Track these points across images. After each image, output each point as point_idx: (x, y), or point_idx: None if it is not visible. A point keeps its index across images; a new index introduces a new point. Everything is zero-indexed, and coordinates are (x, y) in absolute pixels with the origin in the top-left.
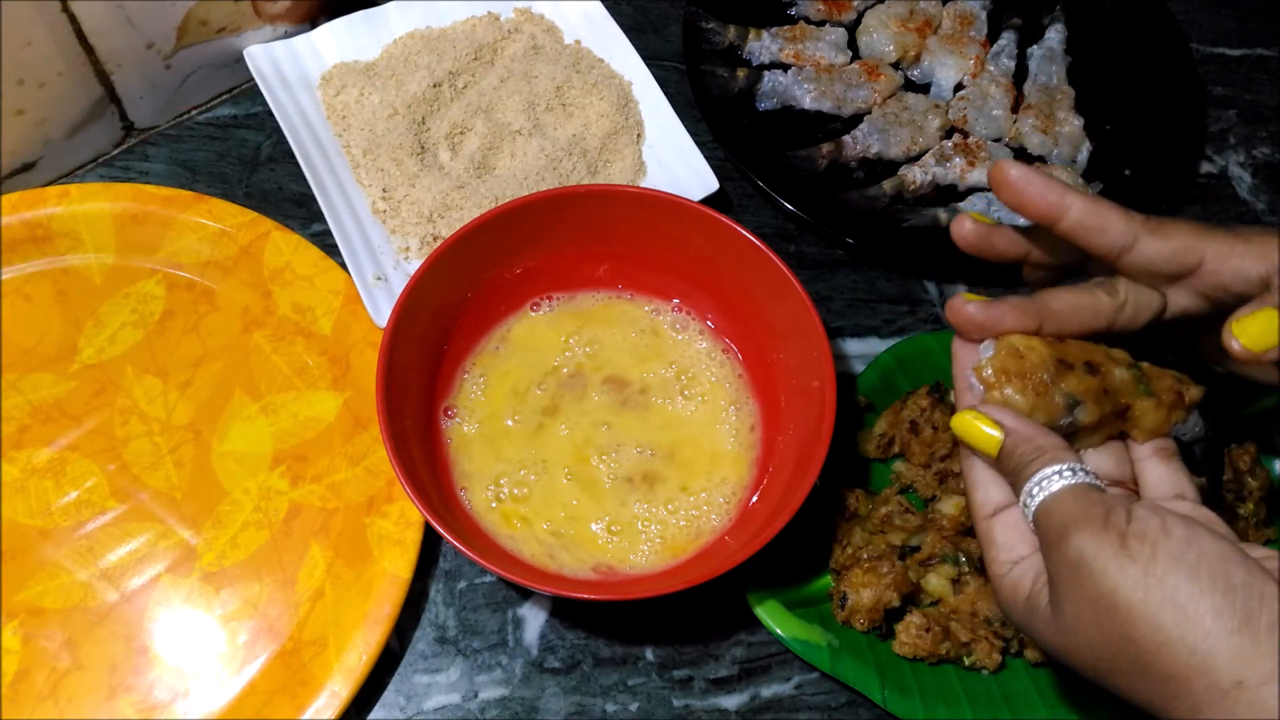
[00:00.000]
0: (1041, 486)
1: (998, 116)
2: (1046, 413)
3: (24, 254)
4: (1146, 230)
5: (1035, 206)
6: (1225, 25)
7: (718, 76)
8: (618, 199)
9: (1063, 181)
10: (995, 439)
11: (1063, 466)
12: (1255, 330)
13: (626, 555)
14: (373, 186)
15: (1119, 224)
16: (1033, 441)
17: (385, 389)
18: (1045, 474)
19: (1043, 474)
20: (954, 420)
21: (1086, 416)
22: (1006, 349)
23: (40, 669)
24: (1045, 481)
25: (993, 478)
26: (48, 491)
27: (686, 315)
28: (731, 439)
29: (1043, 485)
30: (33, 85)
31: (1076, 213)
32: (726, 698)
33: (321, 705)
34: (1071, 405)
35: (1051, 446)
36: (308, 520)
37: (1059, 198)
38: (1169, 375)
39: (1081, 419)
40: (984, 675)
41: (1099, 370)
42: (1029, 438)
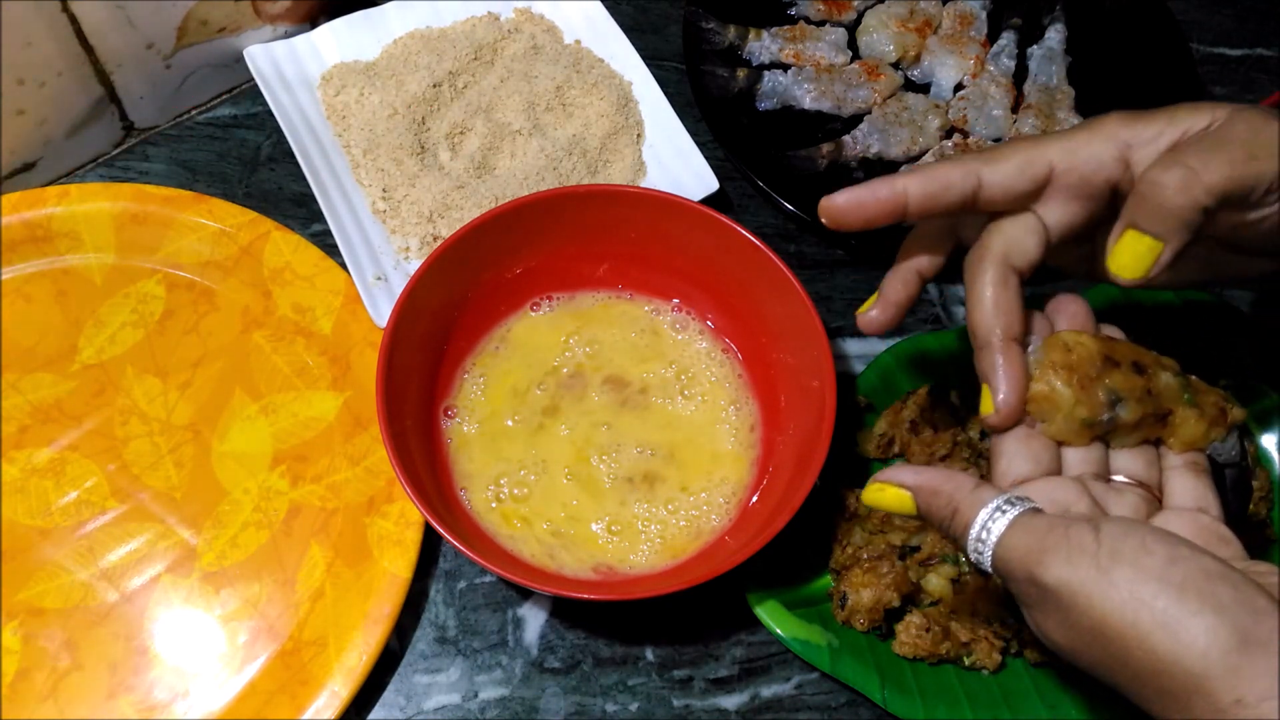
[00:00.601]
0: (983, 538)
1: (998, 116)
2: (1089, 406)
3: (24, 254)
4: (981, 162)
5: (879, 211)
6: (1225, 25)
7: (718, 76)
8: (618, 199)
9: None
10: (907, 498)
11: (992, 506)
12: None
13: (626, 555)
14: (373, 186)
15: (955, 173)
16: (941, 493)
17: (385, 389)
18: (981, 521)
19: (979, 524)
20: (864, 494)
21: (1128, 414)
22: (1055, 344)
23: (40, 669)
24: (984, 530)
25: (1018, 448)
26: (48, 491)
27: (686, 315)
28: (731, 439)
29: (984, 535)
30: (33, 85)
31: (915, 189)
32: (726, 698)
33: (321, 705)
34: (1114, 401)
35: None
36: (308, 520)
37: (890, 190)
38: (1215, 392)
39: (1123, 416)
40: (984, 675)
41: (1146, 371)
42: (935, 490)
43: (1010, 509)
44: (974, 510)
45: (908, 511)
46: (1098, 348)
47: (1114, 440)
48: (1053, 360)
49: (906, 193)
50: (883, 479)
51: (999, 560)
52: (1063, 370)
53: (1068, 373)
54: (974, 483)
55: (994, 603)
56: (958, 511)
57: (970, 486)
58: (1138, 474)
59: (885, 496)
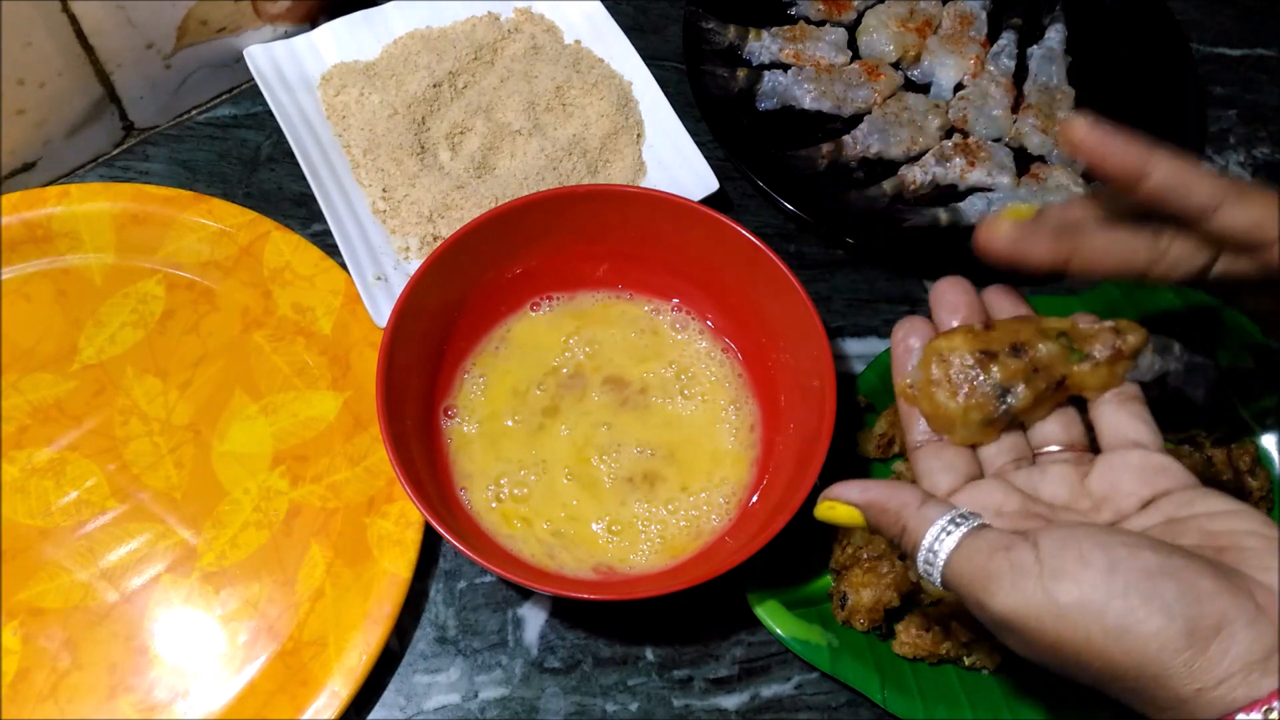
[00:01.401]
0: (930, 560)
1: (998, 116)
2: (981, 408)
3: (24, 254)
4: (1233, 194)
5: (1116, 167)
6: (1225, 25)
7: (718, 76)
8: (618, 199)
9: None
10: (857, 513)
11: (938, 527)
12: None
13: (626, 555)
14: (373, 186)
15: (1206, 186)
16: (887, 511)
17: (385, 389)
18: (927, 544)
19: (925, 544)
20: (815, 510)
21: (1020, 402)
22: (928, 358)
23: (40, 669)
24: (931, 553)
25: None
26: (48, 491)
27: (686, 315)
28: (731, 438)
29: (931, 557)
30: (33, 85)
31: (1161, 173)
32: (726, 698)
33: (321, 705)
34: (1002, 393)
35: (911, 509)
36: (308, 520)
37: (1142, 157)
38: (1102, 330)
39: (1015, 404)
40: (984, 675)
41: (1024, 350)
42: (882, 507)
43: (955, 529)
44: (921, 529)
45: (858, 526)
46: (971, 345)
47: (1026, 420)
48: (931, 377)
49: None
50: (831, 496)
51: (948, 583)
52: (944, 383)
53: (949, 385)
54: (920, 498)
55: None
56: (905, 530)
57: (916, 503)
58: (1059, 438)
59: (836, 514)
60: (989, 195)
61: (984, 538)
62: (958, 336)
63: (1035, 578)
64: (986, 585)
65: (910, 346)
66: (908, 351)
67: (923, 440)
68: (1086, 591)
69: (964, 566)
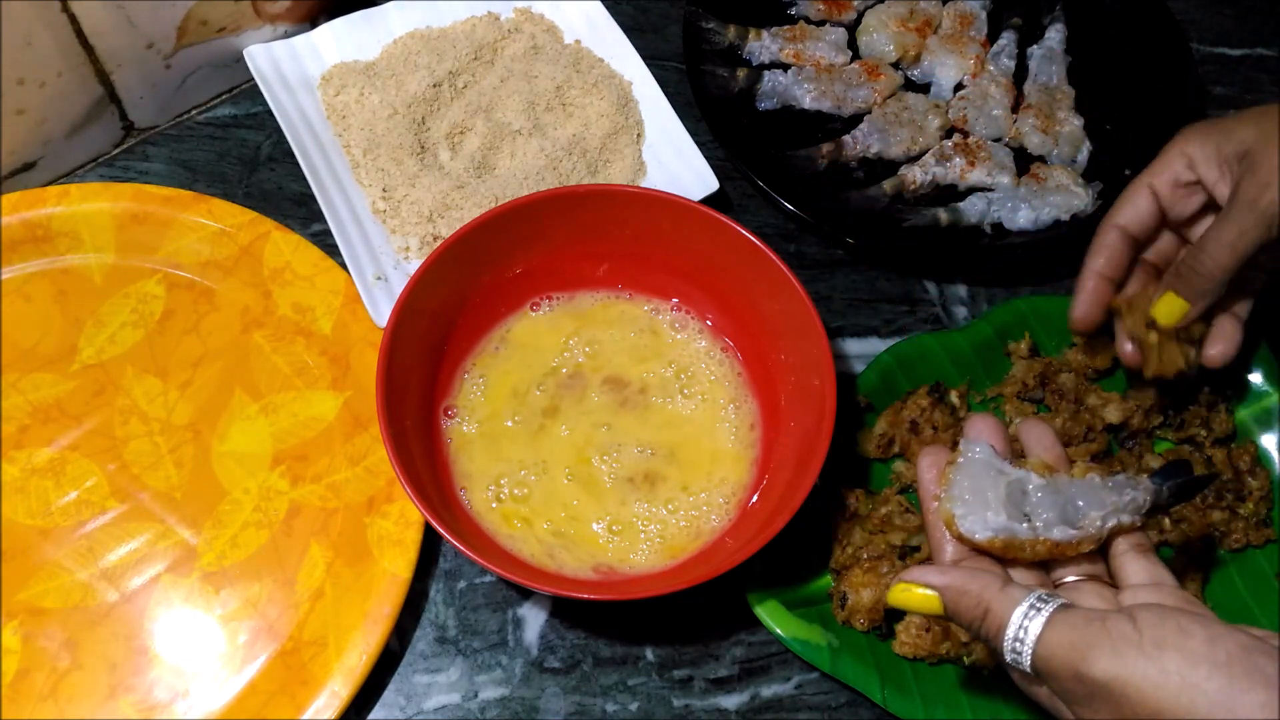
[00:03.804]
0: (1020, 637)
1: (998, 116)
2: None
3: (24, 254)
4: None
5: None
6: (1225, 25)
7: (718, 76)
8: (618, 199)
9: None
10: (934, 599)
11: (1026, 605)
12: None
13: (627, 555)
14: (373, 186)
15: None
16: (969, 592)
17: (385, 389)
18: (1016, 624)
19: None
20: (890, 595)
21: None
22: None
23: (40, 669)
24: (1022, 631)
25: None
26: (48, 491)
27: (686, 314)
28: (731, 437)
29: (1022, 634)
30: (33, 85)
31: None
32: (726, 698)
33: (321, 705)
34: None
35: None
36: (308, 520)
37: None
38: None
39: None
40: (984, 675)
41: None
42: (963, 590)
43: (1044, 606)
44: (1007, 610)
45: (935, 612)
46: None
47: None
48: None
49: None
50: (909, 578)
51: (1040, 660)
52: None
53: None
54: (1001, 580)
55: None
56: (989, 612)
57: (999, 585)
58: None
59: (911, 597)
60: (989, 195)
61: (1076, 612)
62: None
63: (1136, 646)
64: (1086, 654)
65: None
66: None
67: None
68: (1191, 660)
69: (1059, 639)
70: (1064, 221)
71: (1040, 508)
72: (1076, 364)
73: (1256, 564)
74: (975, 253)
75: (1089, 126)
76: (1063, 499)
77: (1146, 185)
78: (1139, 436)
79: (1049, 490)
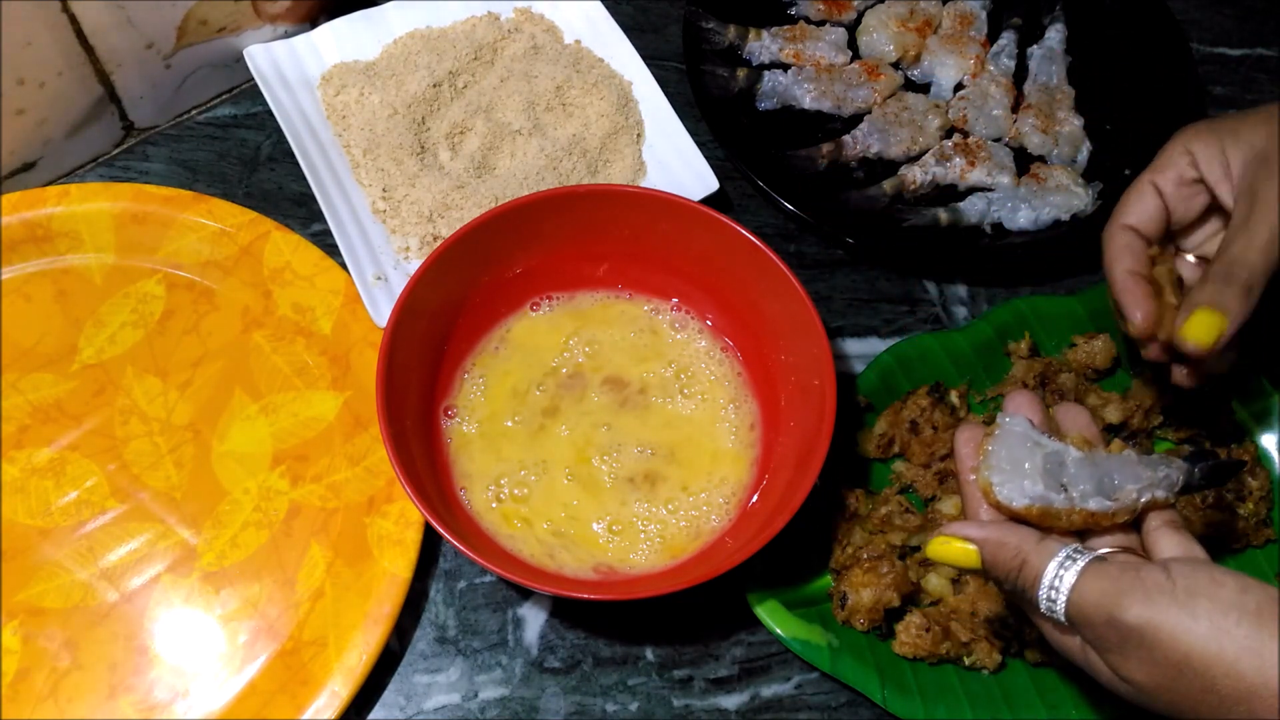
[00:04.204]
0: (1057, 587)
1: (998, 116)
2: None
3: (24, 254)
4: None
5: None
6: (1225, 25)
7: (718, 76)
8: (618, 199)
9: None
10: (973, 552)
11: (1062, 556)
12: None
13: (627, 555)
14: (373, 186)
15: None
16: (1006, 545)
17: (385, 389)
18: (1052, 572)
19: (1050, 573)
20: (928, 548)
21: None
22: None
23: (40, 669)
24: (1058, 580)
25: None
26: (48, 491)
27: (686, 314)
28: (731, 437)
29: (1058, 585)
30: (33, 85)
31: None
32: (726, 698)
33: (321, 705)
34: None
35: (1030, 545)
36: (308, 520)
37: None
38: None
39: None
40: (984, 675)
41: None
42: (1001, 543)
43: (1080, 557)
44: (1044, 561)
45: (972, 565)
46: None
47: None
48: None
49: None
50: (948, 532)
51: (1074, 607)
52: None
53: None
54: (1038, 535)
55: (994, 603)
56: (1026, 563)
57: (1036, 538)
58: (1115, 543)
59: (950, 550)
60: (989, 195)
61: (1110, 564)
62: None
63: (1169, 594)
64: (1119, 600)
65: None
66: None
67: (990, 518)
68: (1221, 608)
69: (1093, 586)
70: (1064, 221)
71: (1077, 479)
72: (1076, 364)
73: (1256, 564)
74: (975, 253)
75: (1089, 126)
76: (1099, 472)
77: (1150, 183)
78: (1139, 436)
79: (1086, 463)
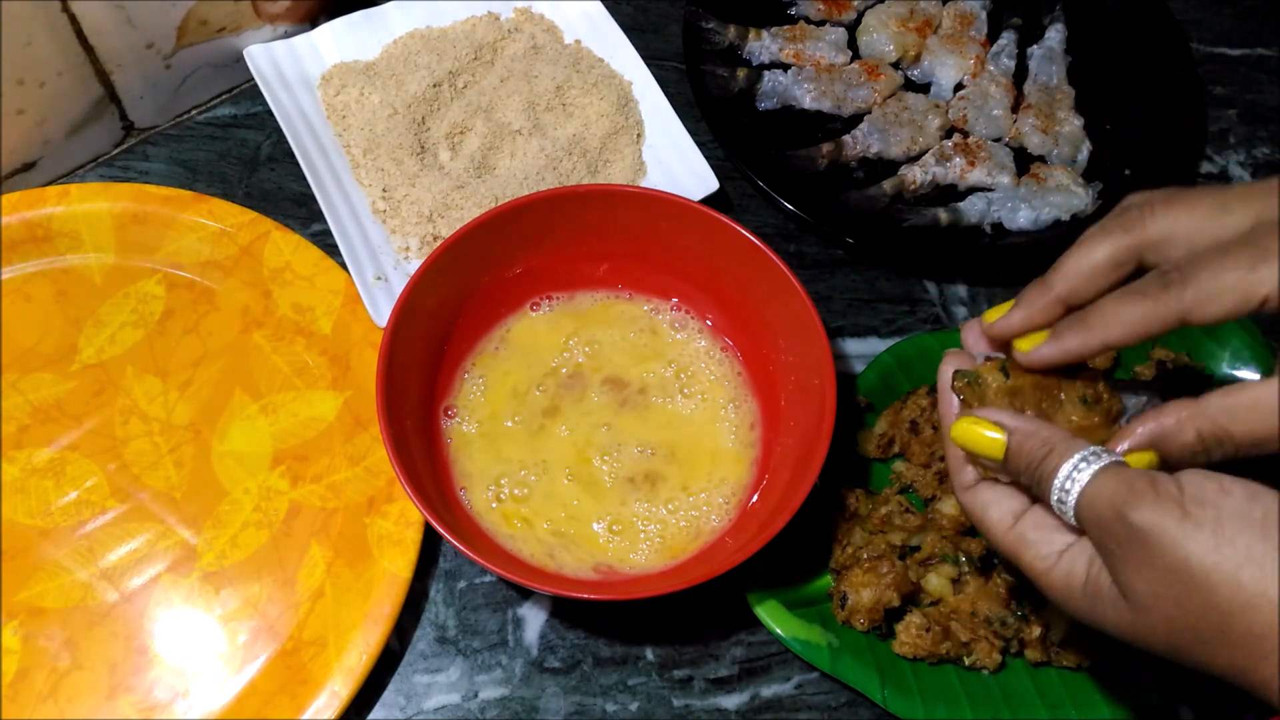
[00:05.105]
0: (1074, 479)
1: (998, 116)
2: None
3: (24, 254)
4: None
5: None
6: (1225, 25)
7: (718, 76)
8: (618, 199)
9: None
10: (999, 440)
11: (1086, 452)
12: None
13: (627, 555)
14: (373, 186)
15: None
16: (1037, 435)
17: (385, 389)
18: (1071, 465)
19: (1069, 466)
20: (953, 428)
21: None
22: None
23: (40, 669)
24: (1076, 473)
25: (1003, 492)
26: (48, 491)
27: (685, 314)
28: (731, 436)
29: (1074, 477)
30: (33, 85)
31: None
32: (726, 698)
33: (321, 705)
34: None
35: (1060, 438)
36: (308, 520)
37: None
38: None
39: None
40: (984, 675)
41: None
42: (1032, 433)
43: (1100, 458)
44: (1068, 453)
45: (993, 455)
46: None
47: None
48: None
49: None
50: (979, 415)
51: (1085, 501)
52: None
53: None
54: (1067, 434)
55: (994, 603)
56: (1053, 452)
57: (1067, 435)
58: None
59: (976, 435)
60: (989, 195)
61: (1126, 469)
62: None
63: (1176, 499)
64: (1129, 498)
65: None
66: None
67: (973, 480)
68: (1225, 516)
69: (1105, 487)
70: (1064, 221)
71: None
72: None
73: None
74: (975, 253)
75: (1089, 126)
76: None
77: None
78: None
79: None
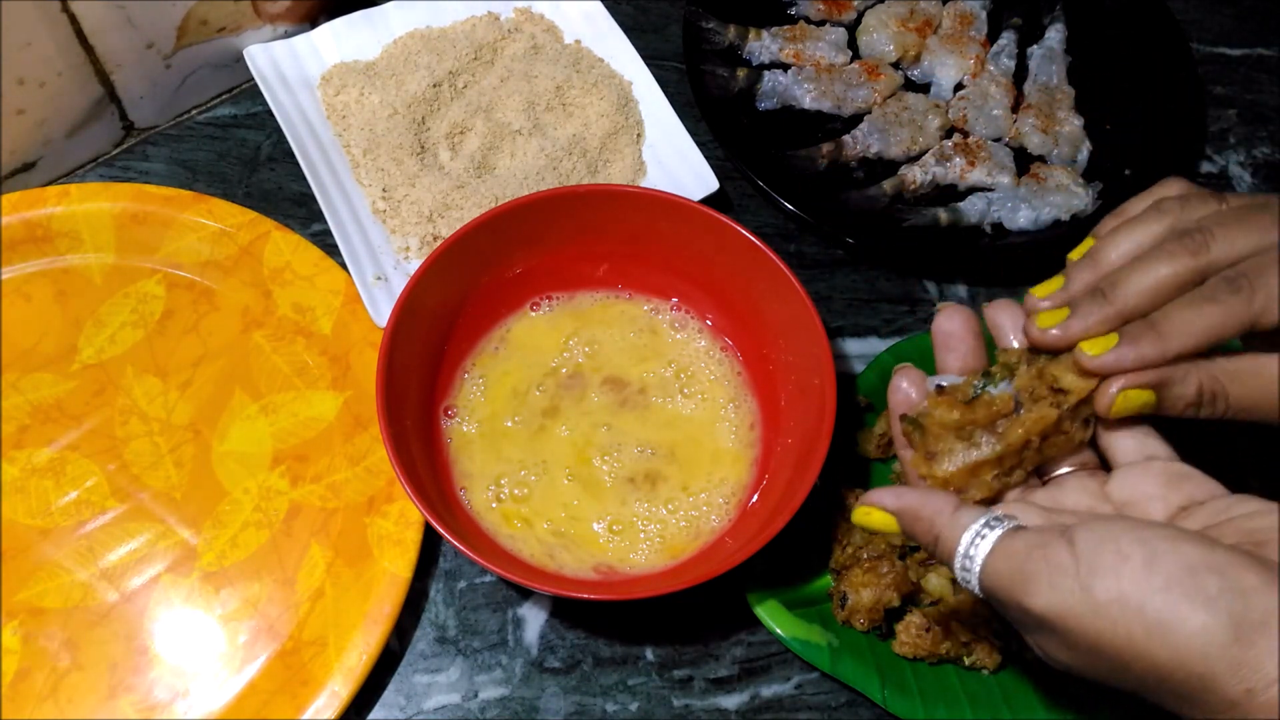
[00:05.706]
0: (967, 565)
1: (998, 116)
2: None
3: (24, 254)
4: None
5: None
6: (1225, 25)
7: (718, 76)
8: (618, 199)
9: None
10: (891, 520)
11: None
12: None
13: (627, 555)
14: (373, 186)
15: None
16: (920, 519)
17: (385, 389)
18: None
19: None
20: (853, 515)
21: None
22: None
23: (40, 669)
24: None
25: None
26: (48, 491)
27: (685, 314)
28: (731, 436)
29: (968, 563)
30: (33, 85)
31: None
32: (726, 698)
33: (321, 705)
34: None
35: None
36: (308, 520)
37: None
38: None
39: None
40: (984, 675)
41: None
42: (915, 515)
43: (989, 532)
44: (956, 535)
45: (894, 533)
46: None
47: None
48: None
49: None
50: (867, 501)
51: (986, 589)
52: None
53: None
54: (953, 504)
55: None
56: (940, 538)
57: (950, 509)
58: (1069, 461)
59: (872, 519)
60: (989, 195)
61: (1020, 538)
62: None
63: (1072, 576)
64: (1025, 585)
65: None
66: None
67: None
68: (1125, 587)
69: (1001, 568)
70: (1064, 221)
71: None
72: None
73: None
74: (975, 253)
75: (1089, 126)
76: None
77: None
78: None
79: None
